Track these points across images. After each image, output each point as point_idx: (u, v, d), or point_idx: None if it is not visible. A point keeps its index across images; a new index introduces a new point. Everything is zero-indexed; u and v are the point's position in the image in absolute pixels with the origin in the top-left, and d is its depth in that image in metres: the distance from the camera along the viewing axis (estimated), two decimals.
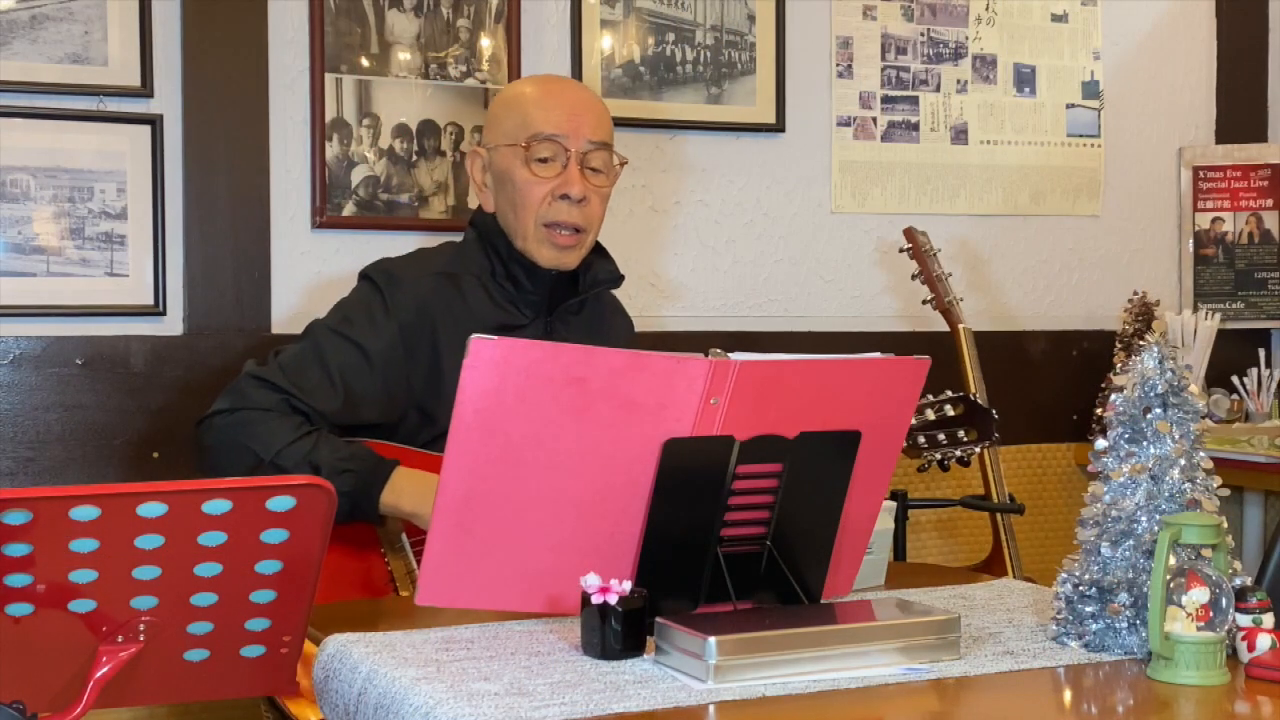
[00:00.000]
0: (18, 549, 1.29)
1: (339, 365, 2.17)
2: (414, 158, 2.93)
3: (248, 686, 1.51)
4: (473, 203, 2.36)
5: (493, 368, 1.49)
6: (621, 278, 2.40)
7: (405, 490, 2.06)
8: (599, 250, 2.39)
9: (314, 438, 2.09)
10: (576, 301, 2.34)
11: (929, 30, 3.42)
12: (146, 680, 1.44)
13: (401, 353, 2.20)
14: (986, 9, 3.48)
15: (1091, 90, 3.59)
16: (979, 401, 2.74)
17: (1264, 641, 1.50)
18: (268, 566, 1.39)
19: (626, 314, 2.55)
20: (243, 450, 2.08)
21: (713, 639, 1.42)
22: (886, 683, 1.45)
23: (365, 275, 2.29)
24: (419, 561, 2.12)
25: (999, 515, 3.02)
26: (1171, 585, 1.47)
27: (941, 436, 2.63)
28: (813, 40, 3.31)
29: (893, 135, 3.38)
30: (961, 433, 2.64)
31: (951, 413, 2.65)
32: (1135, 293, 3.53)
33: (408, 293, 2.23)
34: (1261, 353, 3.63)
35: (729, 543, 1.61)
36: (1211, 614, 1.46)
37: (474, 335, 1.49)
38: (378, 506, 2.06)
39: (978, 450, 2.68)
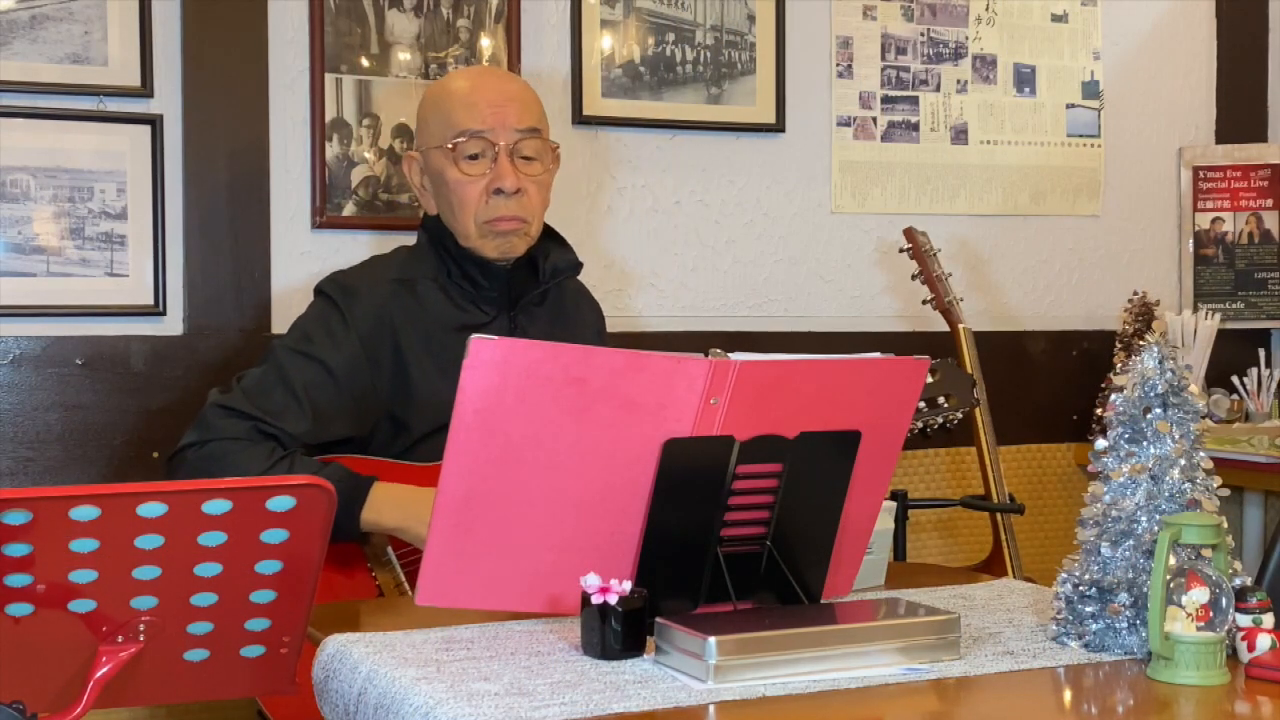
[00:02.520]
0: (18, 549, 1.29)
1: (304, 384, 2.15)
2: None
3: (247, 686, 1.51)
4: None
5: (493, 368, 1.49)
6: (580, 265, 2.40)
7: (385, 506, 2.06)
8: (556, 239, 2.38)
9: (287, 462, 2.08)
10: (538, 293, 2.34)
11: (929, 30, 3.42)
12: (146, 680, 1.44)
13: (365, 364, 2.19)
14: (986, 9, 3.48)
15: (1091, 90, 3.59)
16: (957, 365, 2.74)
17: (1264, 641, 1.50)
18: (268, 566, 1.39)
19: (594, 300, 2.55)
20: None
21: (713, 639, 1.42)
22: (886, 683, 1.45)
23: (320, 290, 2.28)
24: (406, 573, 2.12)
25: (999, 515, 3.02)
26: (1171, 585, 1.47)
27: (921, 404, 2.63)
28: (813, 40, 3.31)
29: (893, 135, 3.38)
30: (941, 399, 2.65)
31: (930, 379, 2.66)
32: (1135, 293, 3.53)
33: (365, 303, 2.22)
34: (1261, 353, 3.63)
35: (729, 543, 1.61)
36: (1211, 614, 1.46)
37: (474, 335, 1.49)
38: (358, 525, 2.05)
39: (959, 415, 2.68)
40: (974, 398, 2.69)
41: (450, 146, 2.24)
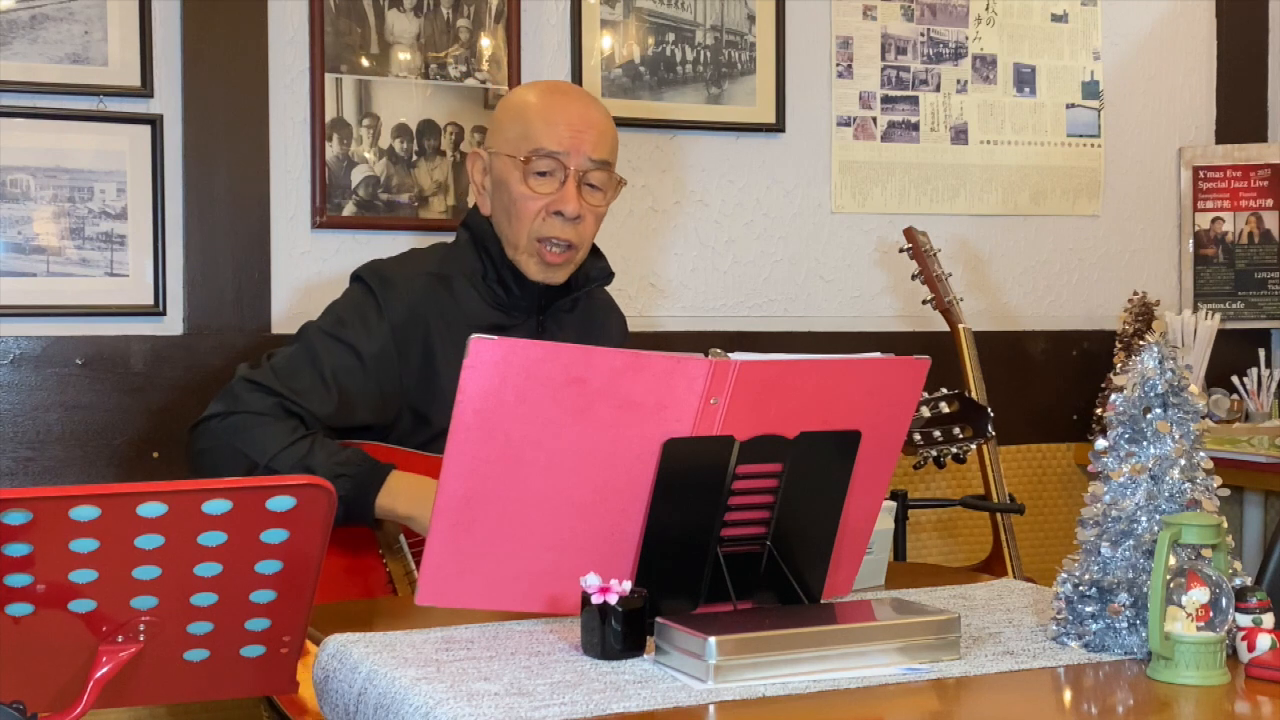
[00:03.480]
0: (18, 549, 1.29)
1: (332, 367, 2.17)
2: (414, 158, 2.93)
3: (247, 686, 1.51)
4: (473, 202, 2.37)
5: (493, 368, 1.49)
6: (612, 274, 2.41)
7: (401, 493, 2.06)
8: (591, 248, 2.38)
9: (309, 441, 2.08)
10: (569, 300, 2.34)
11: (929, 30, 3.42)
12: (146, 680, 1.44)
13: (394, 354, 2.20)
14: (986, 9, 3.48)
15: (1091, 90, 3.59)
16: (974, 398, 2.74)
17: (1264, 641, 1.50)
18: (268, 566, 1.39)
19: (620, 312, 2.56)
20: (237, 455, 2.08)
21: (713, 639, 1.42)
22: (886, 683, 1.45)
23: (357, 277, 2.30)
24: (417, 563, 2.13)
25: (999, 515, 3.02)
26: (1171, 585, 1.47)
27: (937, 434, 2.64)
28: (813, 40, 3.31)
29: (893, 135, 3.38)
30: (957, 430, 2.65)
31: (946, 410, 2.66)
32: (1135, 293, 3.53)
33: (400, 294, 2.23)
34: (1261, 353, 3.63)
35: (729, 543, 1.61)
36: (1211, 614, 1.46)
37: (474, 335, 1.49)
38: (373, 510, 2.06)
39: (973, 447, 2.69)
40: (988, 431, 2.69)
41: (523, 159, 2.23)
